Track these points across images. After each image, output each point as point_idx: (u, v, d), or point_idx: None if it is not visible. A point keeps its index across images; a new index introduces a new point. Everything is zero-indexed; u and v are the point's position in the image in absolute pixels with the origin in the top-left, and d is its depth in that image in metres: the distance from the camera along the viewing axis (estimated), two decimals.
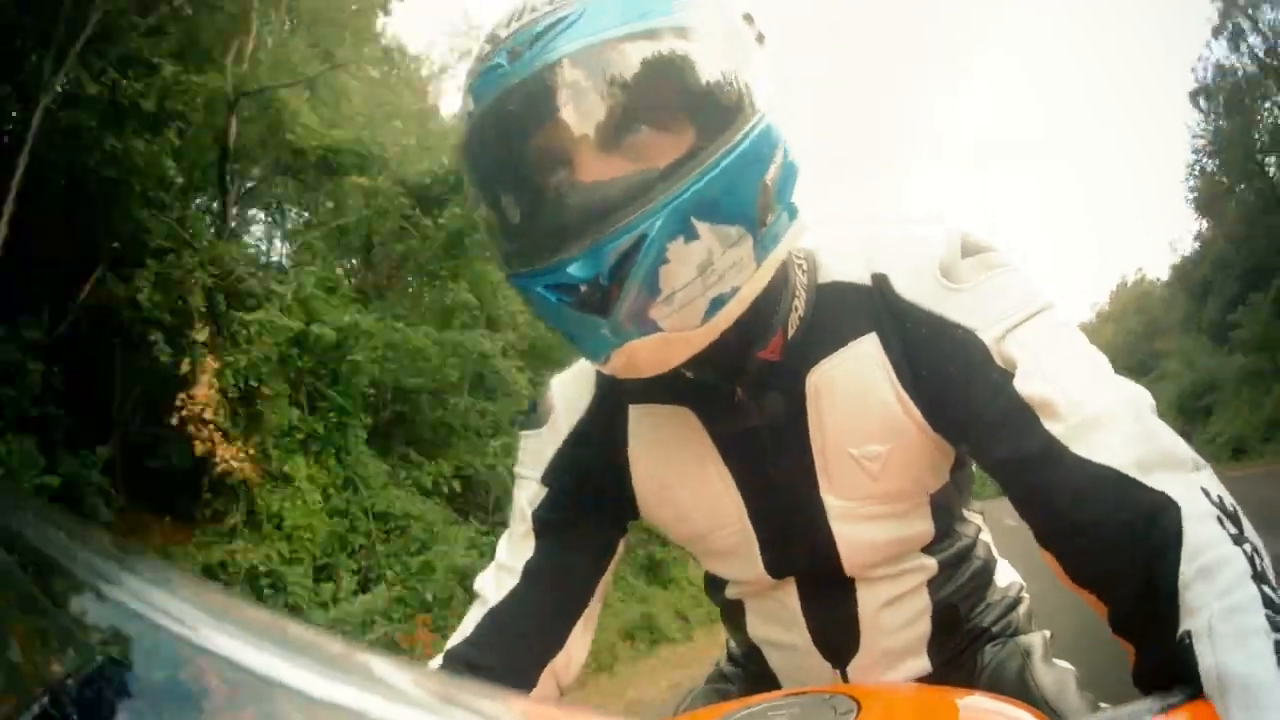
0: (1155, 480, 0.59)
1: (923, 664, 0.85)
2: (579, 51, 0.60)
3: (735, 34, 0.66)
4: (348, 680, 0.28)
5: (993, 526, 0.94)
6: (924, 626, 0.84)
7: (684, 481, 0.81)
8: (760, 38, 0.69)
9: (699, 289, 0.62)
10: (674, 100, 0.62)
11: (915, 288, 0.72)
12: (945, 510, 0.83)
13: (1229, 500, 0.59)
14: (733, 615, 0.91)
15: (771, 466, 0.78)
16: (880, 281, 0.74)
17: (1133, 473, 0.60)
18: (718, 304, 0.64)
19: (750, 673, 0.94)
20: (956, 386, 0.70)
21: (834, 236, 0.80)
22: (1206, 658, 0.51)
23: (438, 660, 0.80)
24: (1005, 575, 0.93)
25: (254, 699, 0.30)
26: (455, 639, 0.80)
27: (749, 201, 0.63)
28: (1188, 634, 0.53)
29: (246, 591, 5.78)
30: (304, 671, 0.28)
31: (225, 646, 0.29)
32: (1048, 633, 0.91)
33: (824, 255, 0.78)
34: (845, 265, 0.76)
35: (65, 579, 0.36)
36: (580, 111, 0.61)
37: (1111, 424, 0.63)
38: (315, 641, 0.30)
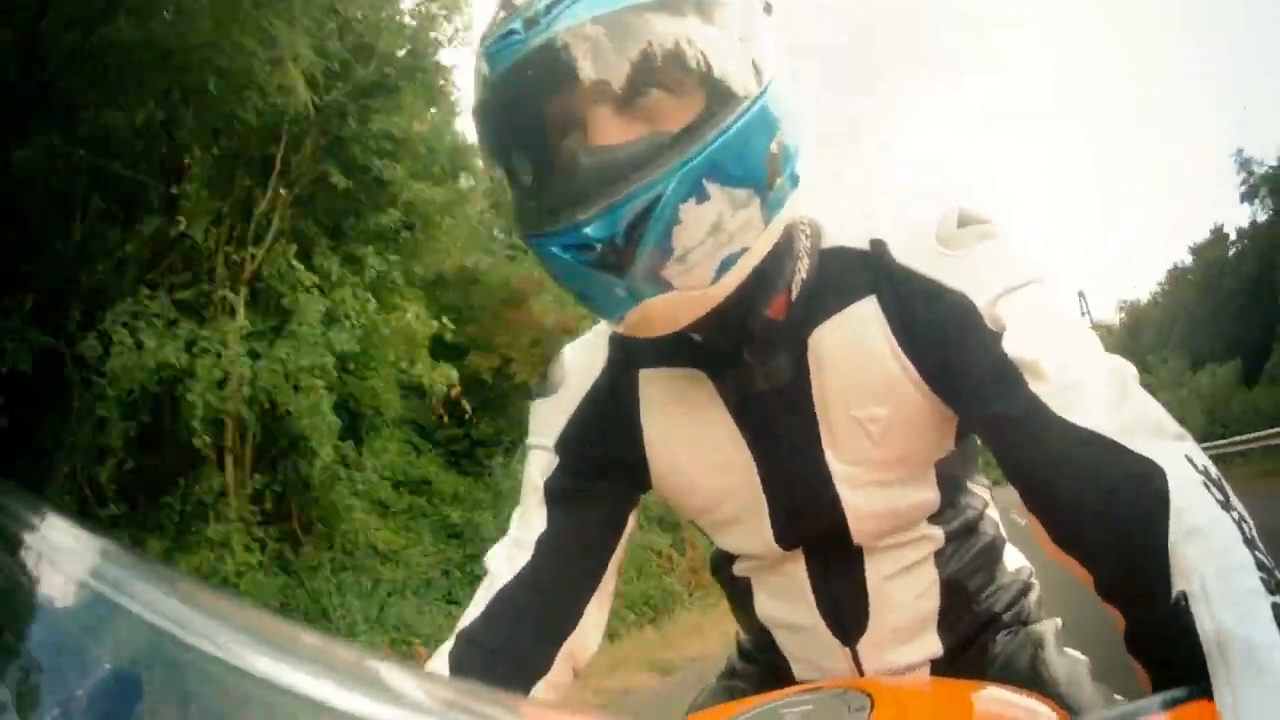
0: (1140, 446, 0.60)
1: (933, 644, 0.85)
2: (598, 18, 0.63)
3: (746, 4, 0.69)
4: (358, 689, 0.28)
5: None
6: (933, 601, 0.84)
7: (697, 445, 0.82)
8: (768, 7, 0.72)
9: (710, 248, 0.65)
10: (689, 67, 0.64)
11: (912, 253, 0.75)
12: (951, 480, 0.84)
13: (1213, 470, 0.60)
14: (741, 596, 0.91)
15: (779, 429, 0.79)
16: (879, 246, 0.77)
17: (1117, 438, 0.61)
18: (728, 263, 0.66)
19: (762, 666, 0.94)
20: (950, 346, 0.72)
21: (836, 207, 0.82)
22: (1204, 619, 0.51)
23: (449, 644, 0.79)
24: (1014, 559, 0.93)
25: (265, 708, 0.30)
26: (467, 618, 0.80)
27: (758, 165, 0.66)
28: (1183, 595, 0.53)
29: None
30: (315, 680, 0.28)
31: (236, 655, 0.29)
32: (1059, 621, 0.91)
33: (826, 223, 0.81)
34: (847, 231, 0.79)
35: (74, 586, 0.36)
36: (598, 76, 0.64)
37: (1096, 390, 0.64)
38: (326, 650, 0.30)
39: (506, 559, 0.82)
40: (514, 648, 0.78)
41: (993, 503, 0.92)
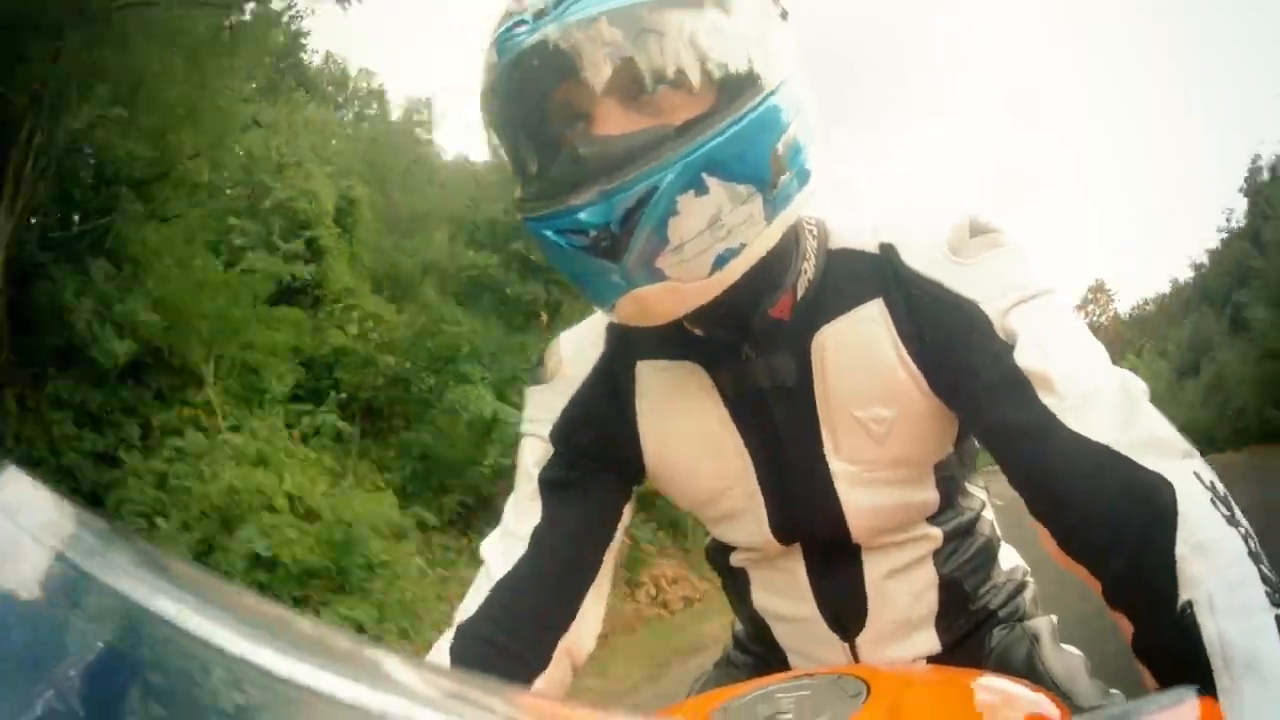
0: (1148, 461, 0.60)
1: (931, 640, 0.85)
2: (611, 12, 0.62)
3: (761, 6, 0.69)
4: (356, 677, 0.28)
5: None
6: (931, 600, 0.84)
7: (692, 439, 0.82)
8: (784, 14, 0.71)
9: (708, 241, 0.65)
10: (699, 65, 0.64)
11: (923, 259, 0.74)
12: (950, 480, 0.84)
13: (1220, 486, 0.60)
14: (737, 587, 0.91)
15: (779, 427, 0.79)
16: (888, 250, 0.76)
17: (1126, 452, 0.61)
18: (725, 257, 0.66)
19: (758, 657, 0.94)
20: (958, 353, 0.71)
21: (846, 212, 0.82)
22: (1210, 630, 0.52)
23: (448, 636, 0.79)
24: (1009, 558, 0.94)
25: (260, 695, 0.29)
26: (464, 612, 0.80)
27: (760, 163, 0.65)
28: (1189, 604, 0.54)
29: None
30: (312, 668, 0.28)
31: (232, 641, 0.28)
32: (1054, 618, 0.91)
33: (835, 224, 0.80)
34: (855, 234, 0.79)
35: (66, 567, 0.36)
36: (605, 69, 0.63)
37: (1106, 405, 0.64)
38: (323, 637, 0.30)
39: (503, 551, 0.81)
40: (512, 644, 0.78)
41: (989, 503, 0.92)
